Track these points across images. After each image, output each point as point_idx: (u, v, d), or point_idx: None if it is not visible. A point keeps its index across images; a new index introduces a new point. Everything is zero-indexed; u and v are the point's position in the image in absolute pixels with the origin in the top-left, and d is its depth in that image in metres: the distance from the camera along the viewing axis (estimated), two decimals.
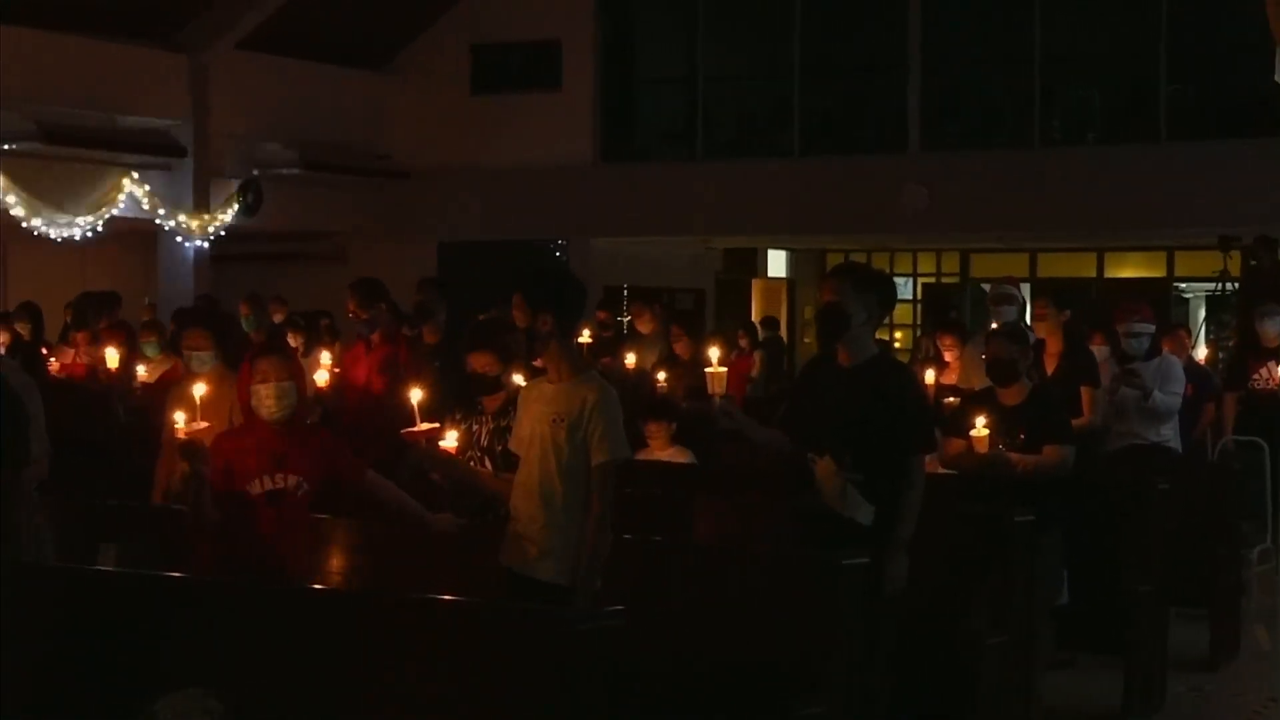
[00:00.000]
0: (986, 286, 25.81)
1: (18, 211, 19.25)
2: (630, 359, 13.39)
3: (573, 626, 5.86)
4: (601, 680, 5.72)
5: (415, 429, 7.02)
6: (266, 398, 6.80)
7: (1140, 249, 25.48)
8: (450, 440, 7.36)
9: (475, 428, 7.78)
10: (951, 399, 10.54)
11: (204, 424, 7.01)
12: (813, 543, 7.16)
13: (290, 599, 6.51)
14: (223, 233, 21.96)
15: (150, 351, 13.55)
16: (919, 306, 26.40)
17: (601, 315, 15.94)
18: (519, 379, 7.68)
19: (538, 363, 6.83)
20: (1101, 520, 9.38)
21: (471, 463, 7.63)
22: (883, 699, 7.08)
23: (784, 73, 23.80)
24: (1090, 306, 18.92)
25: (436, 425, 7.04)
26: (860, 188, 22.32)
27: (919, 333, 20.93)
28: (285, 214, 22.97)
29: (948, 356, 12.22)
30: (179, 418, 6.89)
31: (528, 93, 24.34)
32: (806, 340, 26.65)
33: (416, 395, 7.11)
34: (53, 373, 14.08)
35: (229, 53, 21.88)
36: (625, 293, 22.54)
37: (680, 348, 13.10)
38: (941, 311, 19.93)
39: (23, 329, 14.77)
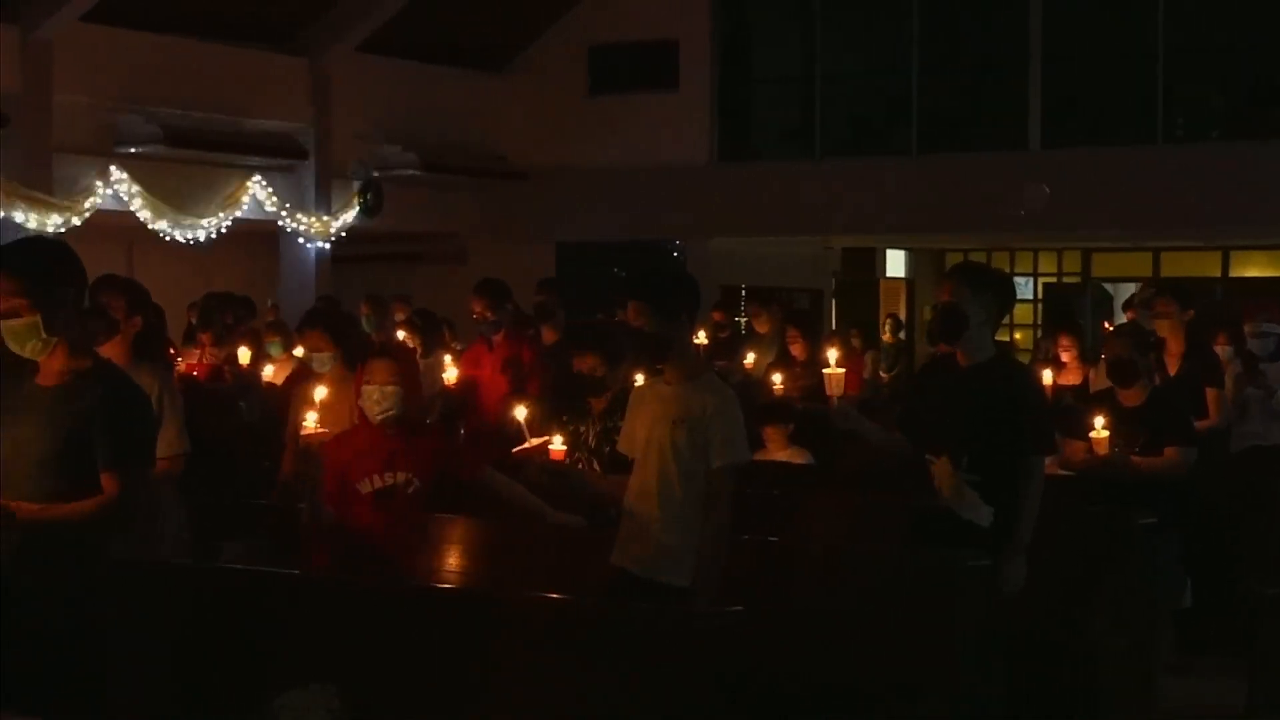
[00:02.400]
0: (1109, 286, 25.71)
1: (143, 214, 19.53)
2: (749, 359, 13.39)
3: (691, 627, 5.87)
4: (718, 680, 5.73)
5: (527, 446, 7.03)
6: (370, 399, 6.90)
7: (1267, 247, 25.06)
8: (557, 444, 7.40)
9: (582, 429, 7.80)
10: (1069, 400, 10.46)
11: (321, 429, 7.10)
12: (930, 544, 7.13)
13: (410, 597, 6.58)
14: (343, 234, 22.17)
15: (275, 352, 13.73)
16: (1039, 306, 26.14)
17: (718, 316, 15.92)
18: (639, 379, 7.70)
19: (659, 365, 6.83)
20: (1224, 522, 9.26)
21: (578, 464, 7.66)
22: (999, 702, 7.03)
23: (902, 70, 23.65)
24: (1215, 306, 18.67)
25: (546, 439, 7.05)
26: (979, 186, 22.14)
27: (1039, 334, 20.74)
28: (405, 215, 23.14)
29: (1065, 358, 12.11)
30: (310, 418, 6.99)
31: (644, 93, 24.35)
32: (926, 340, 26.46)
33: (523, 412, 7.12)
34: (179, 373, 14.27)
35: (350, 56, 22.09)
36: (743, 293, 22.51)
37: (796, 349, 13.07)
38: (1063, 313, 19.74)
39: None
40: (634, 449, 6.66)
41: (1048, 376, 11.34)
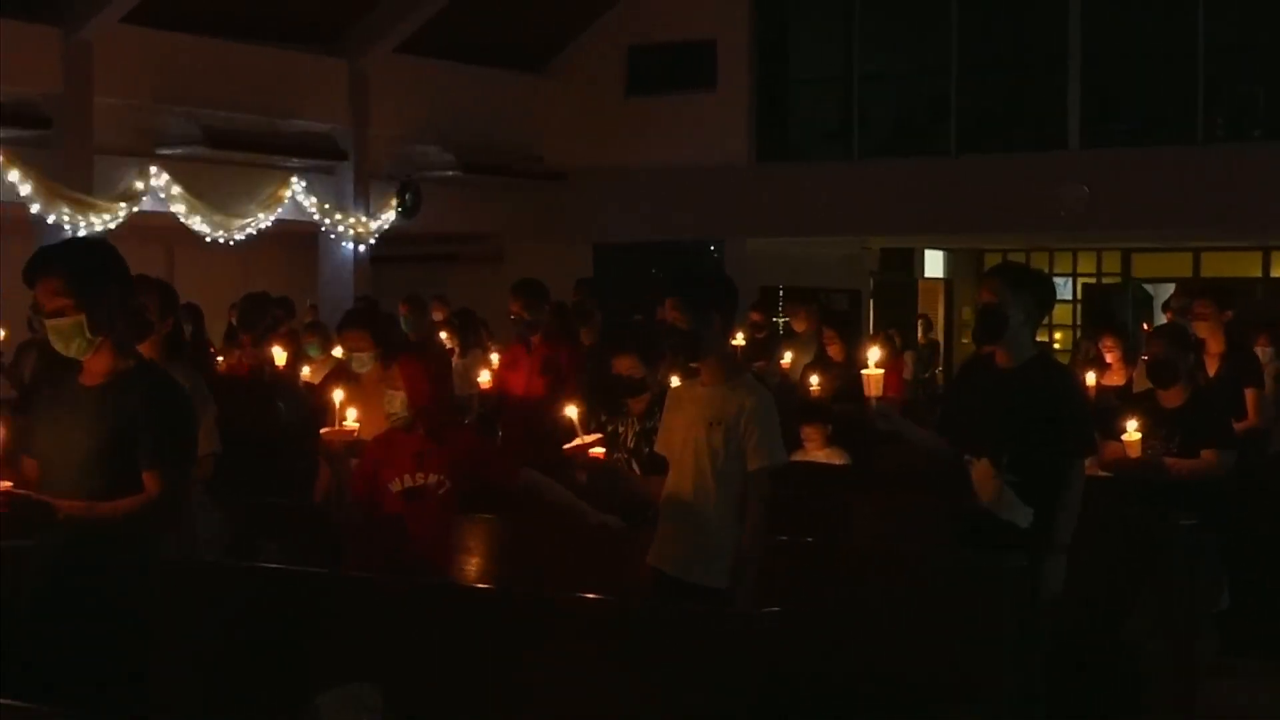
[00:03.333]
0: (1149, 286, 25.60)
1: (183, 215, 19.62)
2: (787, 358, 13.37)
3: (728, 628, 5.87)
4: (755, 681, 5.73)
5: (577, 443, 7.03)
6: (389, 402, 6.94)
7: None
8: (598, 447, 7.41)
9: (621, 430, 7.81)
10: (1112, 401, 10.42)
11: (350, 426, 7.13)
12: (969, 545, 7.11)
13: (450, 597, 6.59)
14: (382, 234, 22.23)
15: (313, 352, 13.77)
16: (1079, 307, 26.05)
17: (756, 316, 15.90)
18: (674, 380, 7.71)
19: (694, 365, 6.84)
20: (1264, 524, 9.22)
21: (618, 466, 7.67)
22: (1039, 704, 7.01)
23: (941, 70, 23.58)
24: (1255, 306, 18.57)
25: (599, 436, 7.06)
26: (1018, 186, 22.06)
27: (1079, 334, 20.67)
28: (443, 216, 23.19)
29: (1109, 358, 12.07)
30: (350, 415, 7.03)
31: (683, 93, 24.34)
32: (964, 341, 26.41)
33: (574, 410, 7.12)
34: (220, 372, 14.32)
35: (388, 57, 22.15)
36: (780, 293, 22.48)
37: (833, 350, 13.05)
38: (1102, 313, 19.67)
39: (185, 329, 15.02)
40: (671, 450, 6.66)
41: (1091, 378, 11.31)
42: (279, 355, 14.03)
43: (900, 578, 7.24)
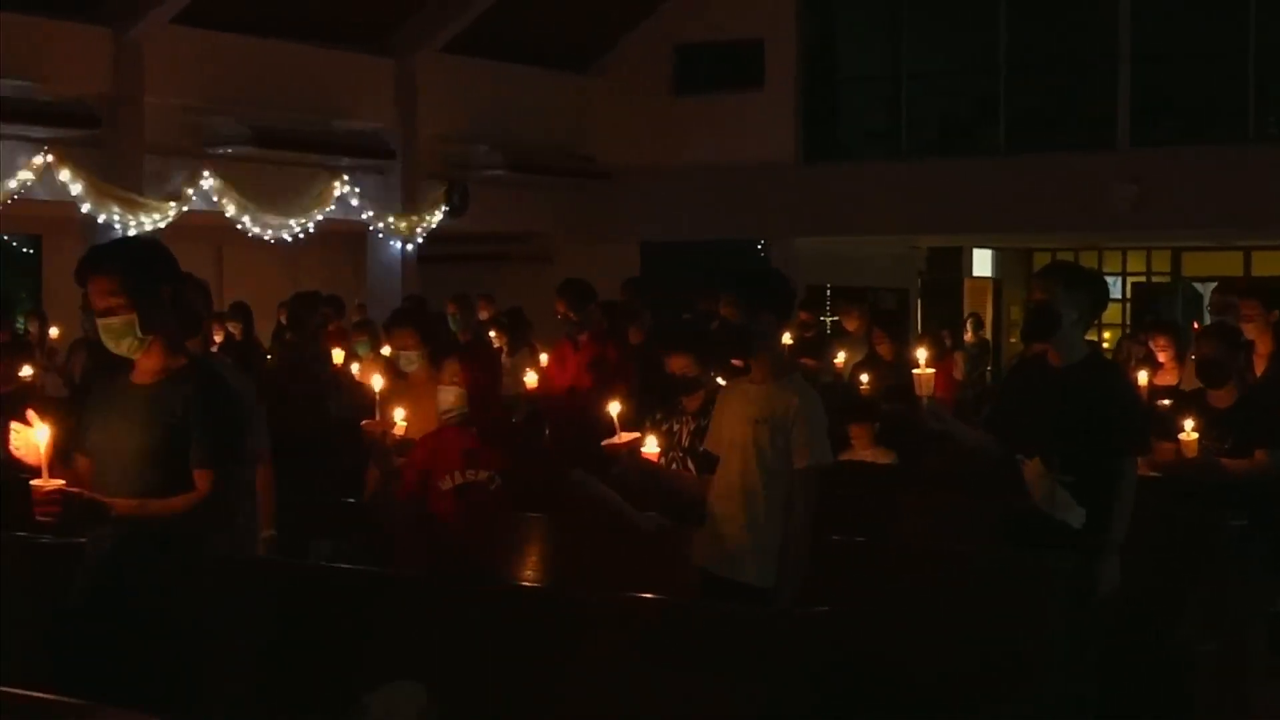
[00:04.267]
0: (1199, 286, 25.45)
1: (232, 214, 19.71)
2: (840, 357, 13.35)
3: (776, 627, 5.86)
4: (804, 681, 5.72)
5: (616, 440, 7.03)
6: (438, 398, 6.94)
7: None
8: (651, 445, 7.39)
9: (676, 428, 7.81)
10: (1165, 401, 10.35)
11: (398, 426, 7.14)
12: (1021, 545, 7.08)
13: (497, 596, 6.60)
14: (430, 234, 22.29)
15: (362, 351, 13.82)
16: (1128, 306, 25.92)
17: (804, 316, 15.88)
18: (720, 380, 7.70)
19: (737, 362, 6.83)
20: None
21: (673, 464, 7.66)
22: (1090, 705, 6.98)
23: (989, 69, 23.51)
24: None
25: (638, 435, 7.05)
26: (1067, 185, 21.97)
27: (1124, 335, 20.54)
28: (490, 215, 23.23)
29: (1161, 357, 12.00)
30: (397, 414, 7.03)
31: (730, 93, 24.32)
32: (1013, 340, 26.32)
33: (616, 407, 7.13)
34: (267, 371, 14.39)
35: (436, 56, 22.20)
36: (828, 292, 22.44)
37: (882, 349, 13.01)
38: (1147, 312, 19.56)
39: (234, 328, 15.12)
40: (719, 448, 6.66)
41: (1143, 377, 11.25)
42: (336, 354, 14.10)
43: (949, 577, 7.22)
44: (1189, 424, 8.40)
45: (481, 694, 6.17)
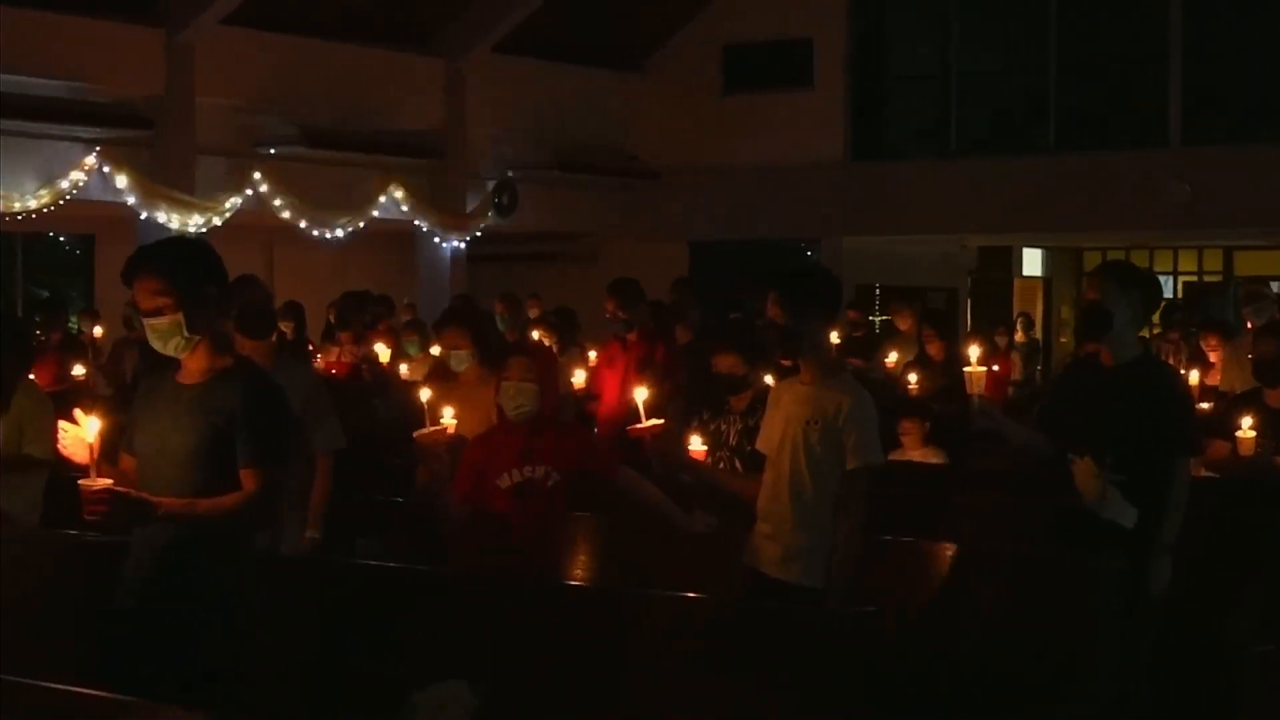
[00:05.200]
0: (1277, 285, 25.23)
1: (282, 214, 19.79)
2: (892, 357, 13.32)
3: (826, 627, 5.84)
4: (855, 681, 5.69)
5: (640, 426, 7.01)
6: (507, 395, 6.92)
7: None
8: (698, 443, 7.37)
9: (723, 428, 7.79)
10: (1205, 404, 10.28)
11: (446, 424, 7.12)
12: (1072, 545, 7.02)
13: (547, 595, 6.59)
14: (478, 233, 22.33)
15: (412, 350, 13.85)
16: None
17: (853, 315, 15.86)
18: (769, 379, 7.67)
19: (786, 362, 6.80)
20: None
21: (720, 463, 7.64)
22: (1142, 706, 6.92)
23: (1039, 67, 23.40)
24: None
25: (661, 422, 7.03)
26: (1119, 183, 21.84)
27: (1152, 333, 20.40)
28: (539, 214, 23.26)
29: (1212, 357, 11.91)
30: (447, 414, 7.03)
31: (779, 92, 24.29)
32: (1063, 340, 26.19)
33: (642, 394, 7.11)
34: (317, 371, 14.44)
35: (485, 56, 22.24)
36: (877, 292, 22.39)
37: (932, 349, 12.97)
38: (1174, 310, 19.41)
39: (286, 327, 15.16)
40: (769, 448, 6.63)
41: (1194, 376, 11.17)
42: (382, 353, 14.13)
43: (999, 577, 7.18)
44: (1246, 422, 8.32)
45: (529, 692, 6.16)
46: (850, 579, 6.37)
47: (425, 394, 7.38)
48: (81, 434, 5.15)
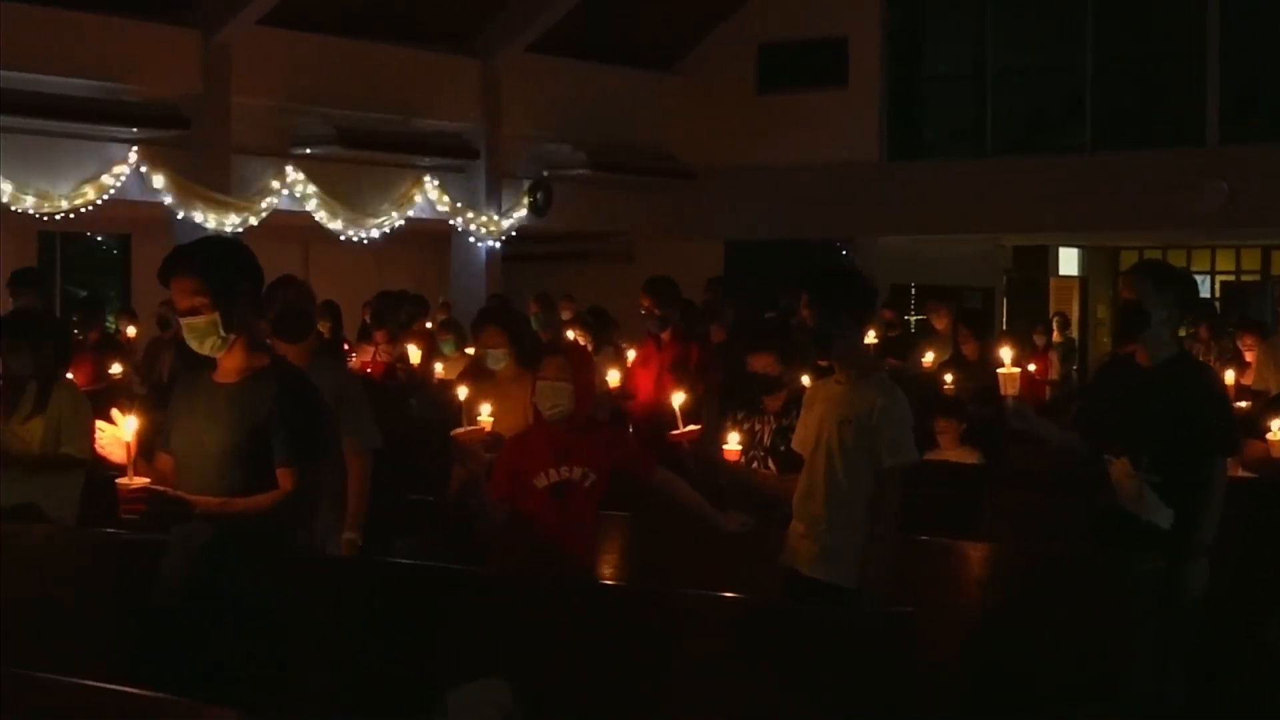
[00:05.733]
0: None
1: (318, 213, 19.85)
2: (928, 357, 13.30)
3: (861, 627, 5.83)
4: (889, 680, 5.69)
5: (679, 432, 7.02)
6: (543, 395, 6.93)
7: None
8: (732, 442, 7.37)
9: (758, 428, 7.78)
10: (1242, 404, 10.24)
11: (484, 422, 7.13)
12: (1108, 545, 7.00)
13: (582, 594, 6.60)
14: (513, 233, 22.35)
15: (447, 350, 13.87)
16: (1218, 305, 25.63)
17: (888, 314, 15.83)
18: (805, 380, 7.66)
19: (823, 362, 6.80)
20: None
21: (754, 463, 7.64)
22: (1177, 707, 6.89)
23: (1075, 66, 23.30)
24: None
25: (698, 428, 7.03)
26: (1155, 183, 21.73)
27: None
28: (573, 214, 23.28)
29: (1248, 356, 11.86)
30: (484, 410, 7.04)
31: (814, 91, 24.25)
32: (1101, 340, 26.10)
33: (679, 399, 7.11)
34: (353, 370, 14.47)
35: (520, 56, 22.26)
36: (913, 291, 22.34)
37: (967, 349, 12.93)
38: (1200, 311, 19.31)
39: (323, 327, 15.21)
40: (805, 448, 6.63)
41: (1230, 376, 11.13)
42: (414, 353, 14.16)
43: (1034, 577, 7.16)
44: (1276, 424, 8.29)
45: (564, 692, 6.17)
46: (883, 579, 6.36)
47: (463, 392, 7.40)
48: (119, 433, 5.17)
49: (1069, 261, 27.55)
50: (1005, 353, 7.54)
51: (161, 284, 5.49)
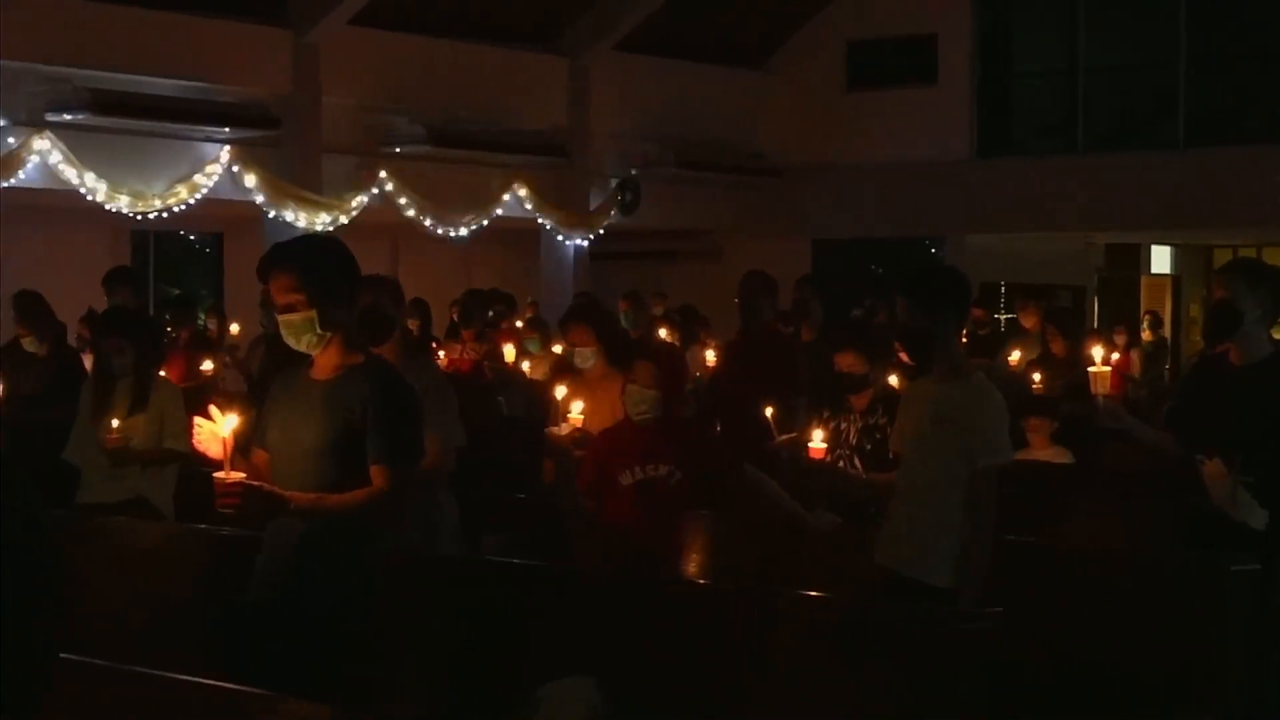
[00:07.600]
0: None
1: (408, 213, 19.97)
2: (1015, 356, 13.23)
3: (953, 627, 5.81)
4: (980, 681, 5.67)
5: (776, 442, 7.01)
6: (631, 399, 6.96)
7: None
8: (817, 440, 7.36)
9: (843, 426, 7.76)
10: None
11: (575, 419, 7.15)
12: (1201, 547, 6.94)
13: (672, 593, 6.61)
14: (602, 231, 22.40)
15: (533, 348, 13.91)
16: None
17: (978, 313, 15.74)
18: (893, 379, 7.64)
19: (907, 359, 6.77)
20: None
21: (840, 462, 7.62)
22: (1270, 712, 6.82)
23: (1168, 62, 23.08)
24: None
25: (794, 436, 7.03)
26: (1249, 180, 21.49)
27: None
28: (662, 212, 23.29)
29: None
30: (575, 408, 7.07)
31: (903, 88, 24.16)
32: (1193, 339, 25.84)
33: (770, 410, 7.10)
34: (441, 368, 14.54)
35: (608, 54, 22.30)
36: (1003, 290, 22.21)
37: (1056, 347, 12.84)
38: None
39: (413, 325, 15.30)
40: (901, 447, 6.61)
41: None
42: (508, 351, 14.23)
43: (1126, 579, 7.11)
44: None
45: (653, 690, 6.18)
46: (979, 579, 6.33)
47: (560, 391, 7.42)
48: (216, 429, 5.22)
49: (1161, 260, 27.29)
50: (1096, 351, 7.49)
51: (260, 280, 5.54)
